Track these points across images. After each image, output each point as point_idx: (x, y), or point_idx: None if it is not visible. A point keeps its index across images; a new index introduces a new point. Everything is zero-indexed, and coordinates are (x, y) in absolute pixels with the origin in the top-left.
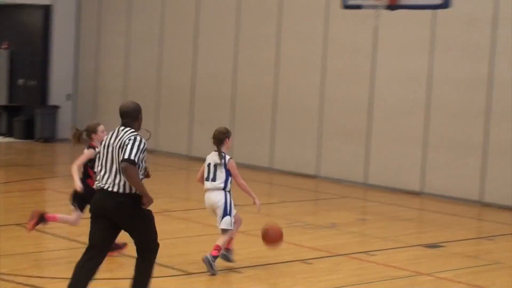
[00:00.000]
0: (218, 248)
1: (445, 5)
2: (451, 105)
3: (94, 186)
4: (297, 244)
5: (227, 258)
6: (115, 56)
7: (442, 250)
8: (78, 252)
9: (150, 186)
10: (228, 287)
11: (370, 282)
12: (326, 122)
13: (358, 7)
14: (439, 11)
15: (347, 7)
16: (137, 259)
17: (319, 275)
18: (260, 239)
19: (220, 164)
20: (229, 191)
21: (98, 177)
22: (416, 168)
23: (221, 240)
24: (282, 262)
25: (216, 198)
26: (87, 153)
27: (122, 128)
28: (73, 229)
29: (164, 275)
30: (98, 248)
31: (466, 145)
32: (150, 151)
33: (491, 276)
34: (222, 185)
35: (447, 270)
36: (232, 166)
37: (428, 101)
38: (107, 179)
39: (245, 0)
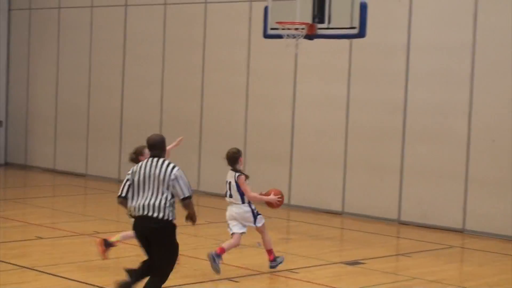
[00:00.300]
0: (222, 250)
1: (360, 34)
2: (368, 129)
3: (131, 212)
4: (225, 263)
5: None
6: (46, 83)
7: (362, 266)
8: None
9: (81, 208)
10: None
11: None
12: (251, 146)
13: (278, 36)
14: (356, 40)
15: (268, 36)
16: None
17: None
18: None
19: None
20: (248, 203)
21: (134, 203)
22: (337, 189)
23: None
24: (211, 281)
25: (236, 211)
26: None
27: (156, 159)
28: None
29: None
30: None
31: (384, 166)
32: (81, 175)
33: None
34: (240, 200)
35: (368, 286)
36: (240, 181)
37: (347, 125)
38: (150, 206)
39: (171, 30)
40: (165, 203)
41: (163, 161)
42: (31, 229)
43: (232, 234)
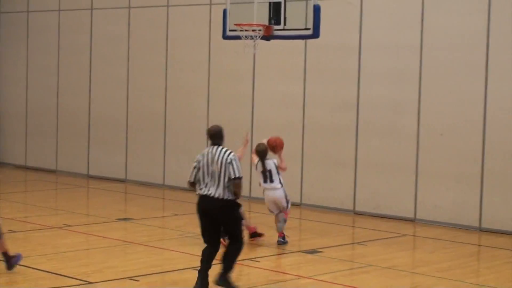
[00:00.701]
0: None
1: (314, 35)
2: (324, 125)
3: (198, 192)
4: (190, 253)
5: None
6: (16, 83)
7: (320, 255)
8: None
9: (52, 203)
10: None
11: (257, 286)
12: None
13: (237, 37)
14: (310, 41)
15: (227, 38)
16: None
17: (210, 280)
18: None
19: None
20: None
21: (205, 186)
22: (295, 182)
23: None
24: (176, 270)
25: (277, 195)
26: None
27: (216, 147)
28: None
29: (66, 285)
30: (210, 240)
31: (339, 160)
32: (51, 171)
33: (365, 277)
34: (279, 184)
35: (326, 273)
36: (279, 166)
37: (303, 122)
38: (214, 187)
39: (135, 32)
40: (224, 184)
41: (222, 148)
42: (4, 223)
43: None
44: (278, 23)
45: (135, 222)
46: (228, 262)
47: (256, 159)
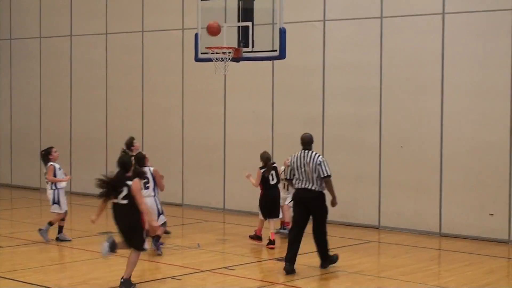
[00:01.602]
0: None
1: (281, 56)
2: (291, 140)
3: (298, 186)
4: (168, 264)
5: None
6: (1, 107)
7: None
8: None
9: (37, 218)
10: None
11: None
12: (187, 158)
13: (208, 60)
14: (277, 61)
15: (199, 60)
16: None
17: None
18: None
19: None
20: None
21: (297, 181)
22: None
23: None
24: (156, 280)
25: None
26: None
27: (307, 151)
28: None
29: None
30: (299, 222)
31: None
32: (35, 189)
33: (334, 282)
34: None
35: (297, 279)
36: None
37: (272, 137)
38: (308, 182)
39: (112, 57)
40: (315, 180)
41: (312, 152)
42: None
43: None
44: (247, 45)
45: (116, 235)
46: (323, 247)
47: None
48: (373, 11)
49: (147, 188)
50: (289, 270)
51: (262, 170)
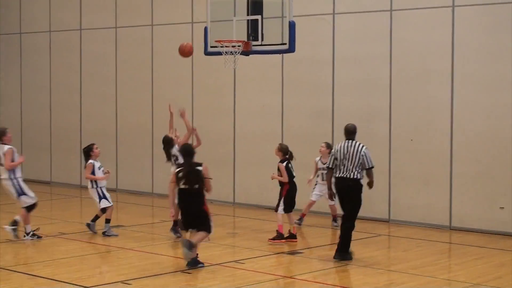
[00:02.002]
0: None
1: (290, 50)
2: (301, 133)
3: (337, 175)
4: (178, 257)
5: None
6: (11, 102)
7: (301, 256)
8: None
9: (47, 212)
10: None
11: (242, 286)
12: (198, 152)
13: (218, 53)
14: (287, 55)
15: (208, 54)
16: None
17: (198, 282)
18: None
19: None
20: None
21: (337, 170)
22: (276, 188)
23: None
24: (167, 273)
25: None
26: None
27: (351, 141)
28: None
29: None
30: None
31: (312, 164)
32: (46, 183)
33: (343, 276)
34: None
35: (306, 273)
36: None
37: (282, 131)
38: (348, 171)
39: (122, 51)
40: (356, 170)
41: (356, 142)
42: (2, 233)
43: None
44: (256, 39)
45: (126, 228)
46: (344, 240)
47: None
48: (382, 4)
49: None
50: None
51: (285, 163)
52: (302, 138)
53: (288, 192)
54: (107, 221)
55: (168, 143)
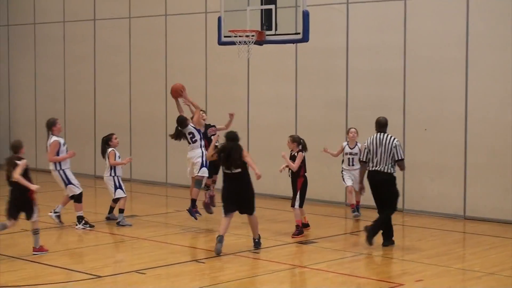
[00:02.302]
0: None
1: (304, 39)
2: (315, 123)
3: (371, 169)
4: (192, 247)
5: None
6: (26, 92)
7: (315, 245)
8: None
9: None
10: (135, 287)
11: (256, 276)
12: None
13: (231, 43)
14: (300, 44)
15: (222, 43)
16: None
17: (212, 272)
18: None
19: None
20: None
21: (370, 163)
22: (288, 177)
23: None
24: (180, 263)
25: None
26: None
27: (383, 134)
28: None
29: (77, 279)
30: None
31: (330, 156)
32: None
33: (357, 265)
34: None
35: (320, 262)
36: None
37: (296, 120)
38: (381, 165)
39: (136, 40)
40: (389, 162)
41: (388, 135)
42: (17, 223)
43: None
44: (270, 28)
45: (140, 218)
46: (386, 226)
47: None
48: None
49: (194, 141)
50: (386, 244)
51: (304, 153)
52: (316, 128)
53: (303, 185)
54: (121, 211)
55: (182, 122)
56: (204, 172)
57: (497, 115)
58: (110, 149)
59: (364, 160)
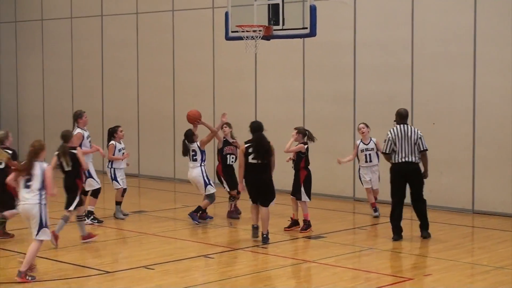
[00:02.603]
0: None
1: (311, 34)
2: (323, 118)
3: (399, 160)
4: (201, 242)
5: None
6: (33, 88)
7: (323, 240)
8: None
9: None
10: (143, 282)
11: (264, 271)
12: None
13: (239, 38)
14: (308, 39)
15: (229, 38)
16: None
17: (220, 267)
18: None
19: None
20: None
21: (397, 155)
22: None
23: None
24: (188, 258)
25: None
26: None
27: (406, 126)
28: None
29: (86, 275)
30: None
31: (338, 150)
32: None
33: (366, 260)
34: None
35: (329, 257)
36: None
37: (303, 115)
38: (410, 155)
39: (143, 36)
40: (417, 153)
41: (411, 126)
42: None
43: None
44: (277, 23)
45: (148, 214)
46: (423, 218)
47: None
48: None
49: (195, 160)
50: (397, 239)
51: (311, 143)
52: (324, 122)
53: (306, 178)
54: (117, 203)
55: (189, 136)
56: (210, 189)
57: (505, 109)
58: (110, 143)
59: (388, 152)
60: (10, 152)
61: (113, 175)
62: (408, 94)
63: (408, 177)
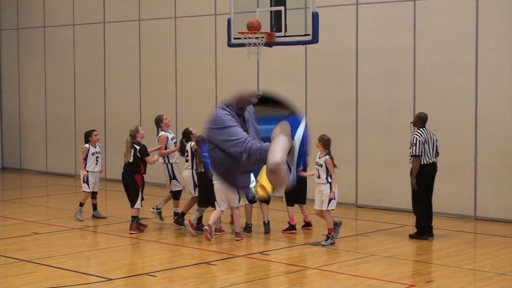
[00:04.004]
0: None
1: (314, 41)
2: (326, 125)
3: (427, 162)
4: (203, 249)
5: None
6: (35, 95)
7: (325, 247)
8: None
9: (72, 205)
10: None
11: (266, 278)
12: None
13: (241, 45)
14: (310, 46)
15: (232, 45)
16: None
17: (223, 274)
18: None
19: None
20: None
21: (425, 157)
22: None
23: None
24: (190, 265)
25: None
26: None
27: (427, 129)
28: None
29: (87, 282)
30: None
31: (341, 157)
32: (71, 176)
33: (368, 266)
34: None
35: (331, 264)
36: None
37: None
38: (433, 157)
39: (145, 43)
40: (436, 155)
41: (430, 130)
42: (28, 226)
43: None
44: (280, 30)
45: (150, 221)
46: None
47: None
48: None
49: (187, 161)
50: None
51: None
52: (326, 129)
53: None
54: (81, 204)
55: (186, 135)
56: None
57: (507, 116)
58: (84, 146)
59: (418, 154)
60: (138, 147)
61: (84, 178)
62: (410, 100)
63: (432, 178)
